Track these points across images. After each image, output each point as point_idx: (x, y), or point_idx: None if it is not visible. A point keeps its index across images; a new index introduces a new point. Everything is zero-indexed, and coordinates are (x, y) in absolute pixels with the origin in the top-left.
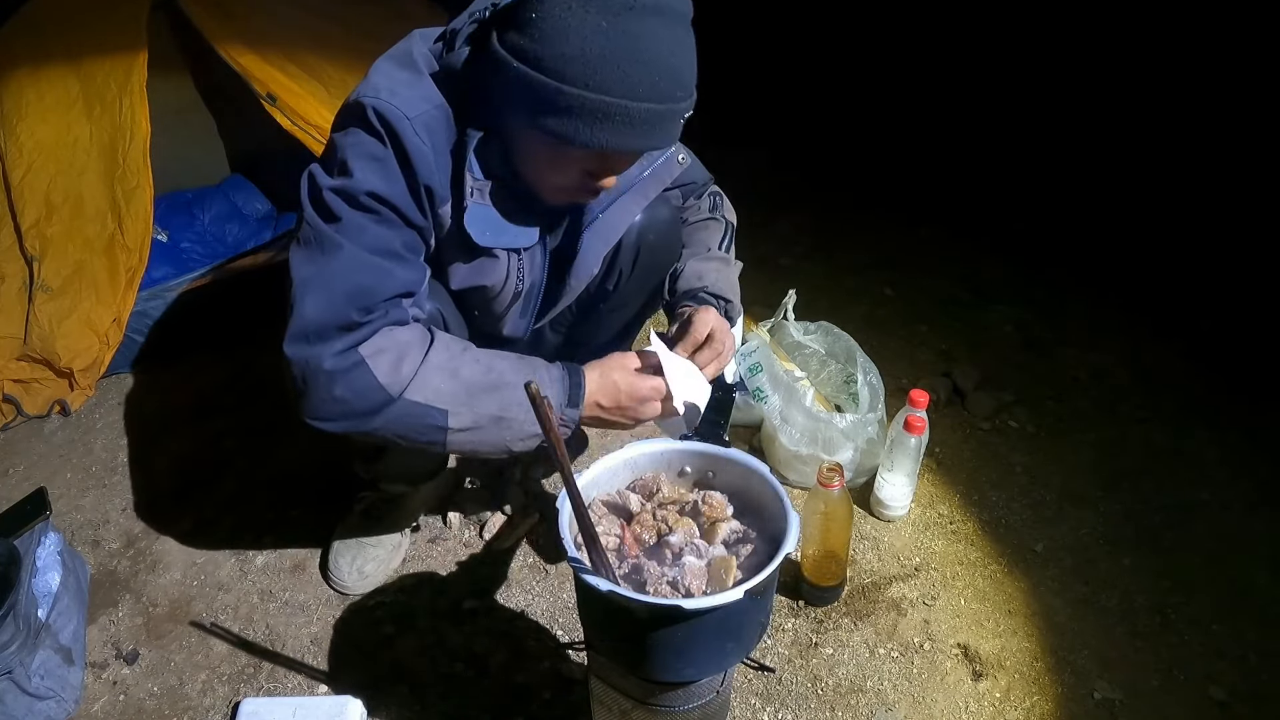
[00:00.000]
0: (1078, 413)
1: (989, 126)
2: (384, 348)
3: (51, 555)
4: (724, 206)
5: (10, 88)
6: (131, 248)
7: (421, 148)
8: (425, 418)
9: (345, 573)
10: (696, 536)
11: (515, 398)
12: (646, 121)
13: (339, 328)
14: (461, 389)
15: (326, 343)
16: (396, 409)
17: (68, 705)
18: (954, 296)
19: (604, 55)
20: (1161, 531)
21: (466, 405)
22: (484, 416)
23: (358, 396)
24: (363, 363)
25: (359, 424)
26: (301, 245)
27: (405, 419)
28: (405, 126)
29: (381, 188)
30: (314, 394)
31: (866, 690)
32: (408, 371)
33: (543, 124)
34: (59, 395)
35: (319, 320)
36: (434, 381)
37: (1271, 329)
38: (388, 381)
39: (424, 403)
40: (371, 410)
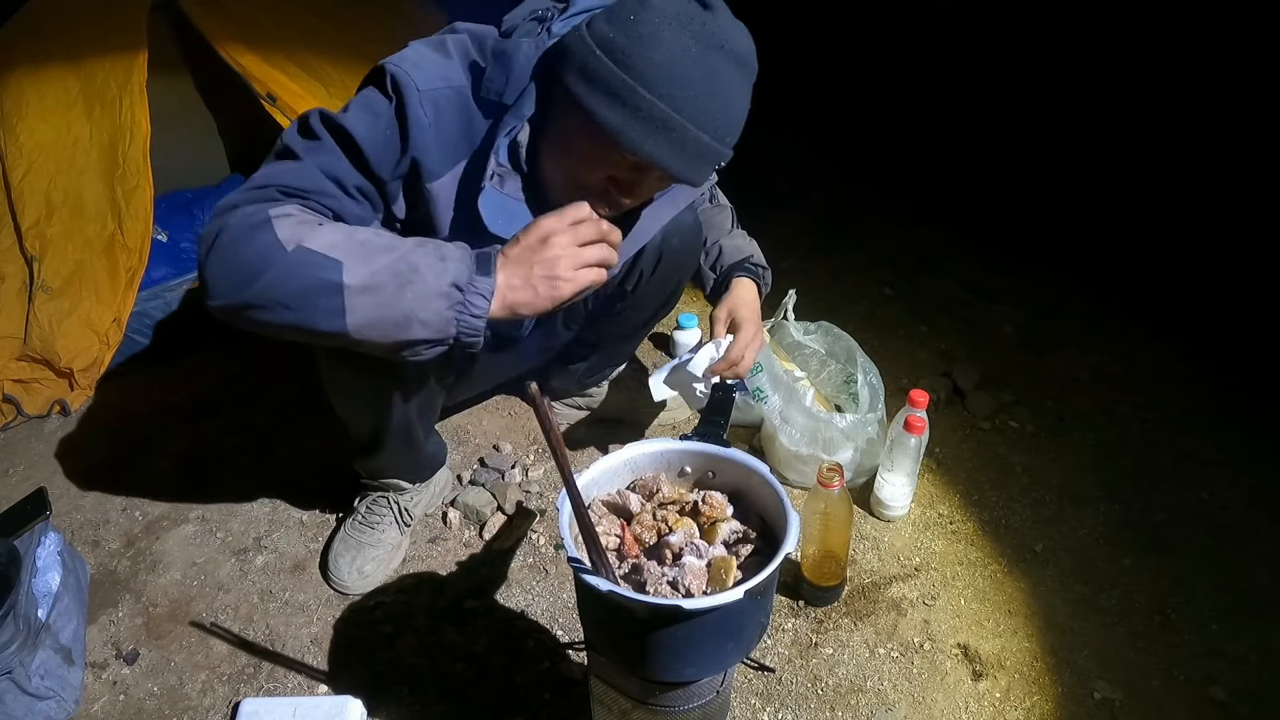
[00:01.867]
0: (1078, 413)
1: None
2: (292, 213)
3: (51, 555)
4: (720, 195)
5: (10, 88)
6: (131, 248)
7: (421, 119)
8: (319, 270)
9: (345, 573)
10: (696, 536)
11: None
12: (696, 150)
13: (255, 201)
14: (359, 244)
15: (240, 209)
16: (289, 260)
17: (68, 705)
18: (954, 296)
19: (685, 75)
20: (1161, 531)
21: (363, 260)
22: (383, 272)
23: (256, 254)
24: (267, 220)
25: (251, 288)
26: (270, 157)
27: (298, 273)
28: (413, 96)
29: (361, 132)
30: (213, 261)
31: (866, 690)
32: (306, 231)
33: (603, 116)
34: (59, 395)
35: (243, 197)
36: (330, 236)
37: (1271, 329)
38: (285, 237)
39: (319, 251)
40: (265, 269)
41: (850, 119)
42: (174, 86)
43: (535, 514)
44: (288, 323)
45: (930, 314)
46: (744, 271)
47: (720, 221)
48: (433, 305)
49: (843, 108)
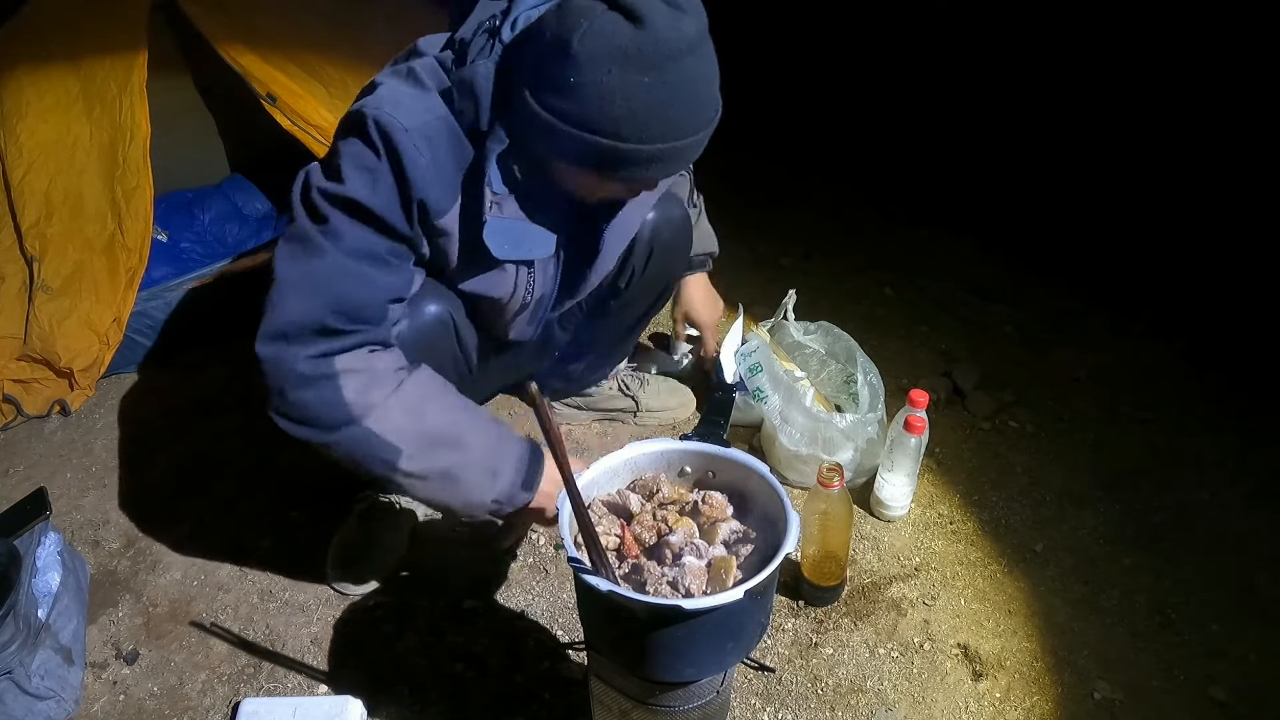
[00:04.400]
0: (1078, 413)
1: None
2: (358, 368)
3: (51, 555)
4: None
5: (10, 88)
6: (131, 248)
7: (418, 159)
8: (379, 450)
9: (345, 573)
10: (696, 536)
11: (471, 460)
12: (689, 150)
13: (316, 331)
14: (422, 434)
15: (303, 345)
16: (354, 432)
17: (68, 705)
18: (954, 296)
19: (651, 109)
20: (1161, 531)
21: (421, 452)
22: (435, 470)
23: (323, 408)
24: (335, 376)
25: (317, 435)
26: (286, 243)
27: (361, 445)
28: (403, 137)
29: (367, 197)
30: (282, 394)
31: (866, 690)
32: (376, 399)
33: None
34: (59, 395)
35: (298, 321)
36: (397, 418)
37: (1271, 329)
38: (353, 401)
39: (381, 435)
40: (332, 426)
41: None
42: (174, 86)
43: None
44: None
45: (930, 314)
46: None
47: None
48: (472, 510)
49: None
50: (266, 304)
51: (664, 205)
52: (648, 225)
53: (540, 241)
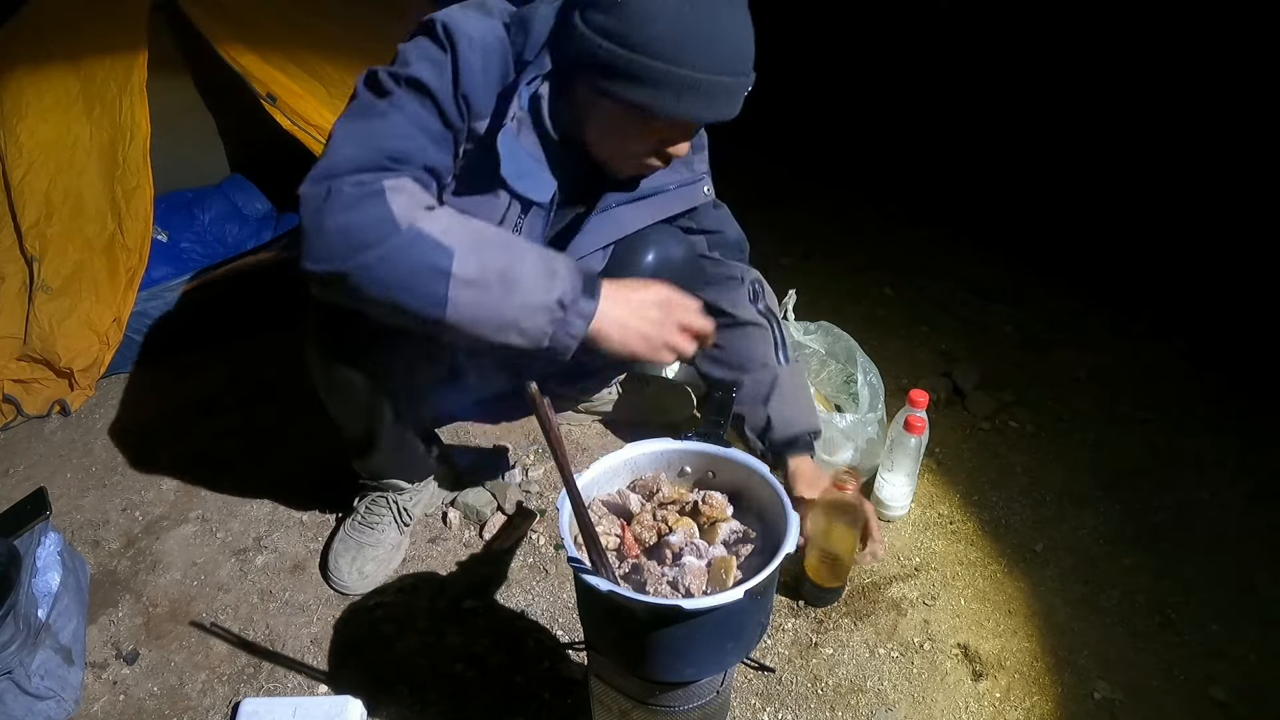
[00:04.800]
0: (1078, 413)
1: (989, 127)
2: (406, 188)
3: (51, 555)
4: (766, 295)
5: (10, 88)
6: (131, 248)
7: (473, 62)
8: (430, 254)
9: (345, 573)
10: (696, 536)
11: (526, 258)
12: (724, 92)
13: (364, 169)
14: (472, 235)
15: (350, 175)
16: (402, 239)
17: (68, 705)
18: (954, 296)
19: (690, 33)
20: (1161, 531)
21: (474, 252)
22: (491, 270)
23: (366, 225)
24: (381, 192)
25: (356, 259)
26: (346, 114)
27: (410, 252)
28: (465, 41)
29: (431, 80)
30: (321, 222)
31: (866, 690)
32: (422, 211)
33: (631, 96)
34: (59, 395)
35: (350, 161)
36: (445, 221)
37: (1271, 329)
38: (400, 214)
39: (431, 235)
40: (373, 242)
41: (851, 118)
42: (174, 86)
43: (535, 514)
44: (384, 299)
45: (930, 314)
46: (799, 450)
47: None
48: (534, 317)
49: (843, 107)
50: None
51: (662, 244)
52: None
53: (540, 183)
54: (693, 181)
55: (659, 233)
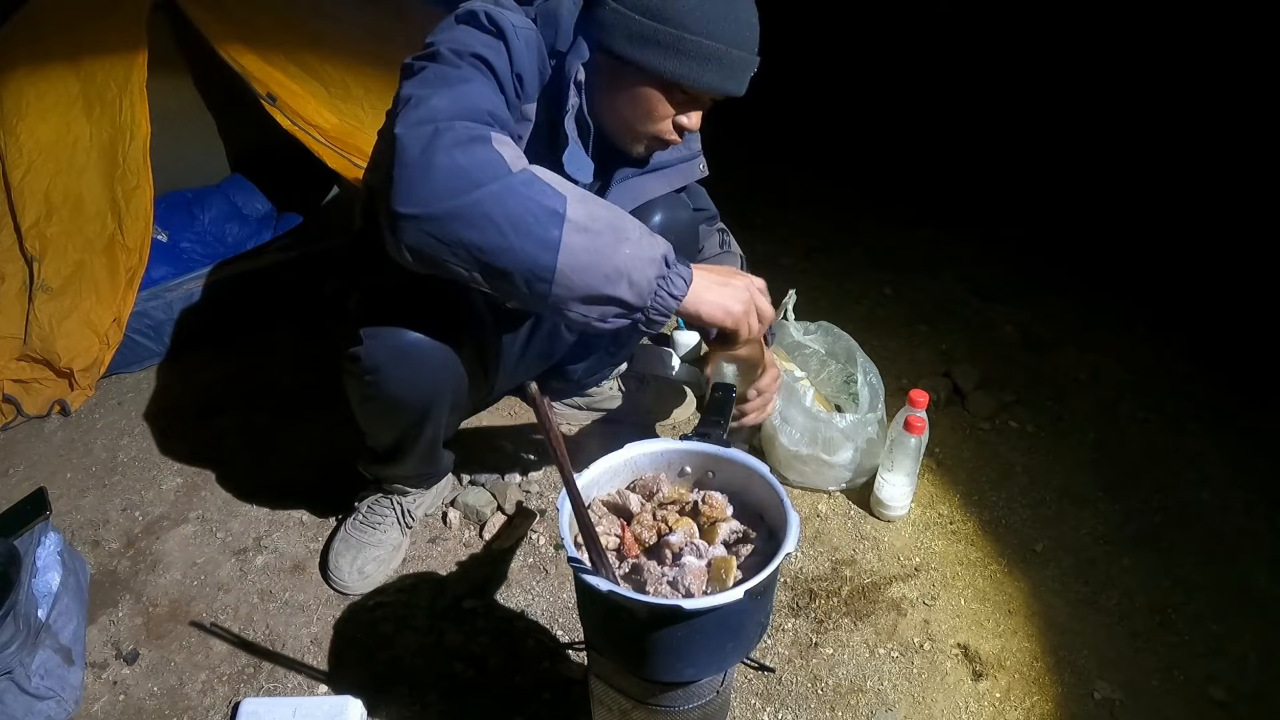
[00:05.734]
0: (1078, 413)
1: (990, 126)
2: (509, 143)
3: (51, 555)
4: (732, 242)
5: (10, 88)
6: (131, 248)
7: (520, 49)
8: (544, 197)
9: (345, 573)
10: (696, 536)
11: (629, 220)
12: (740, 67)
13: (468, 119)
14: (576, 190)
15: (455, 121)
16: (516, 180)
17: (68, 705)
18: (954, 296)
19: (715, 8)
20: (1161, 531)
21: (583, 202)
22: (601, 220)
23: (476, 165)
24: (489, 139)
25: (464, 197)
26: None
27: (522, 192)
28: (510, 29)
29: (493, 59)
30: (431, 160)
31: (866, 690)
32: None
33: (661, 66)
34: (59, 395)
35: (448, 110)
36: (550, 174)
37: (1271, 329)
38: (511, 159)
39: (542, 178)
40: (485, 180)
41: (851, 118)
42: (174, 86)
43: (535, 514)
44: (491, 242)
45: (930, 314)
46: None
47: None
48: (644, 269)
49: (843, 107)
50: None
51: (670, 207)
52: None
53: (584, 164)
54: (692, 158)
55: (664, 198)
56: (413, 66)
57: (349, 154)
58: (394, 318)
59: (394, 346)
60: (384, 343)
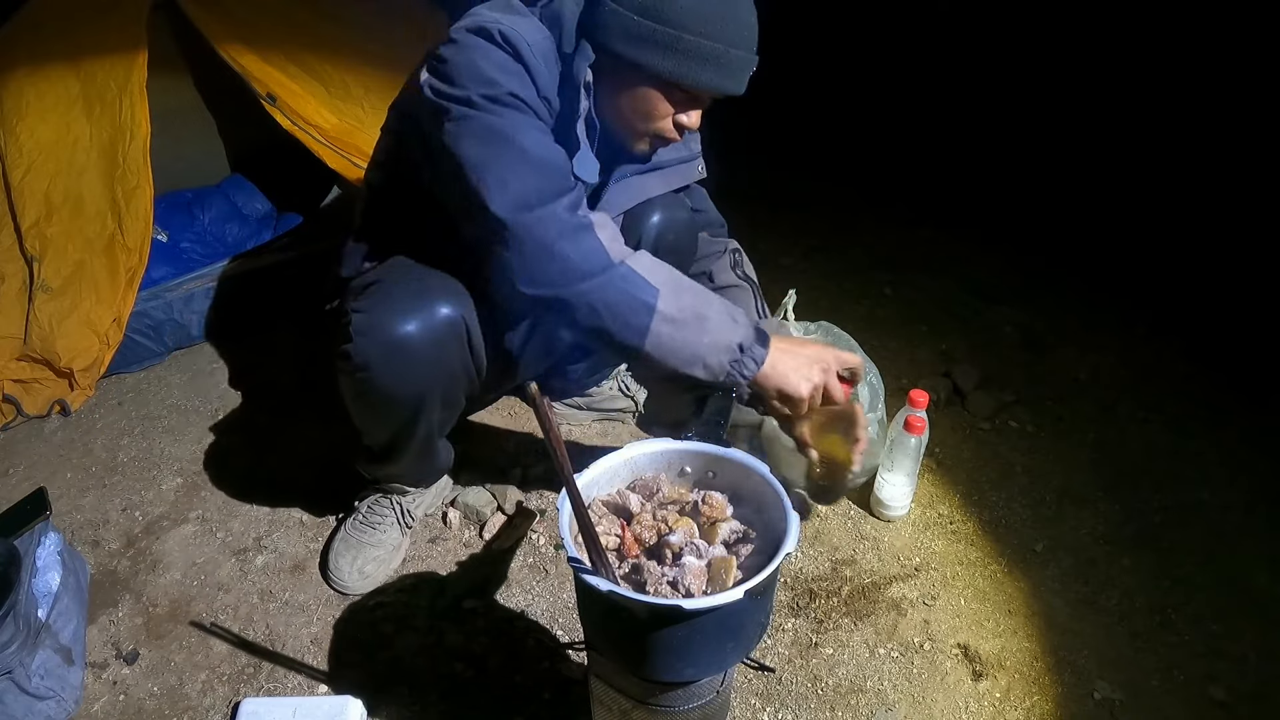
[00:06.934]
0: (1078, 413)
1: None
2: (605, 224)
3: (51, 555)
4: (744, 263)
5: (10, 88)
6: (131, 248)
7: (540, 68)
8: (639, 291)
9: (346, 573)
10: (696, 536)
11: (713, 303)
12: (738, 66)
13: (557, 192)
14: (670, 278)
15: (555, 203)
16: (615, 274)
17: (68, 705)
18: (954, 296)
19: (713, 9)
20: (1161, 531)
21: (674, 293)
22: (688, 310)
23: (582, 257)
24: (590, 226)
25: (574, 287)
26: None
27: (621, 287)
28: (526, 49)
29: (524, 92)
30: (537, 254)
31: (866, 690)
32: (624, 247)
33: (660, 66)
34: (59, 395)
35: (536, 186)
36: (647, 263)
37: (1271, 329)
38: (611, 248)
39: (641, 274)
40: (591, 273)
41: (851, 119)
42: (174, 86)
43: (535, 514)
44: (589, 325)
45: (930, 314)
46: None
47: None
48: (718, 356)
49: (843, 107)
50: (477, 186)
51: (668, 207)
52: (652, 229)
53: (591, 165)
54: (691, 159)
55: (662, 198)
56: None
57: (349, 154)
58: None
59: (383, 343)
60: (373, 340)
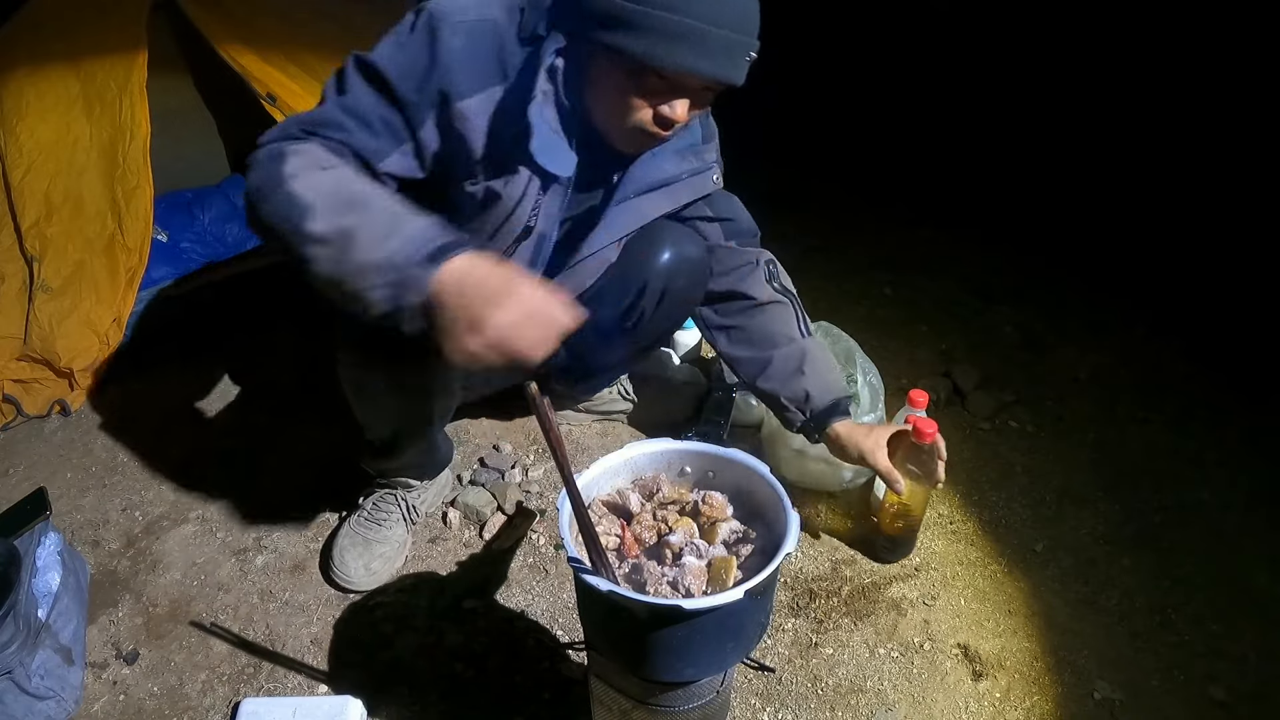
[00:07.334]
0: (1078, 413)
1: (990, 126)
2: (306, 150)
3: (51, 555)
4: (780, 274)
5: (10, 88)
6: (131, 248)
7: (453, 47)
8: (292, 212)
9: (353, 570)
10: (696, 536)
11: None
12: (723, 47)
13: (281, 139)
14: (337, 194)
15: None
16: (280, 193)
17: (68, 705)
18: (954, 296)
19: None
20: (1161, 531)
21: (331, 211)
22: (336, 230)
23: (265, 181)
24: (282, 154)
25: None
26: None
27: (280, 208)
28: (444, 25)
29: (384, 63)
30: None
31: (866, 690)
32: (307, 167)
33: (630, 47)
34: (59, 395)
35: (268, 137)
36: (317, 180)
37: (1271, 329)
38: (288, 171)
39: (298, 193)
40: (268, 194)
41: (850, 118)
42: (174, 86)
43: (535, 514)
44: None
45: (930, 314)
46: (839, 415)
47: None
48: (366, 283)
49: (843, 107)
50: None
51: (678, 243)
52: (662, 270)
53: (563, 157)
54: (704, 170)
55: (673, 231)
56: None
57: None
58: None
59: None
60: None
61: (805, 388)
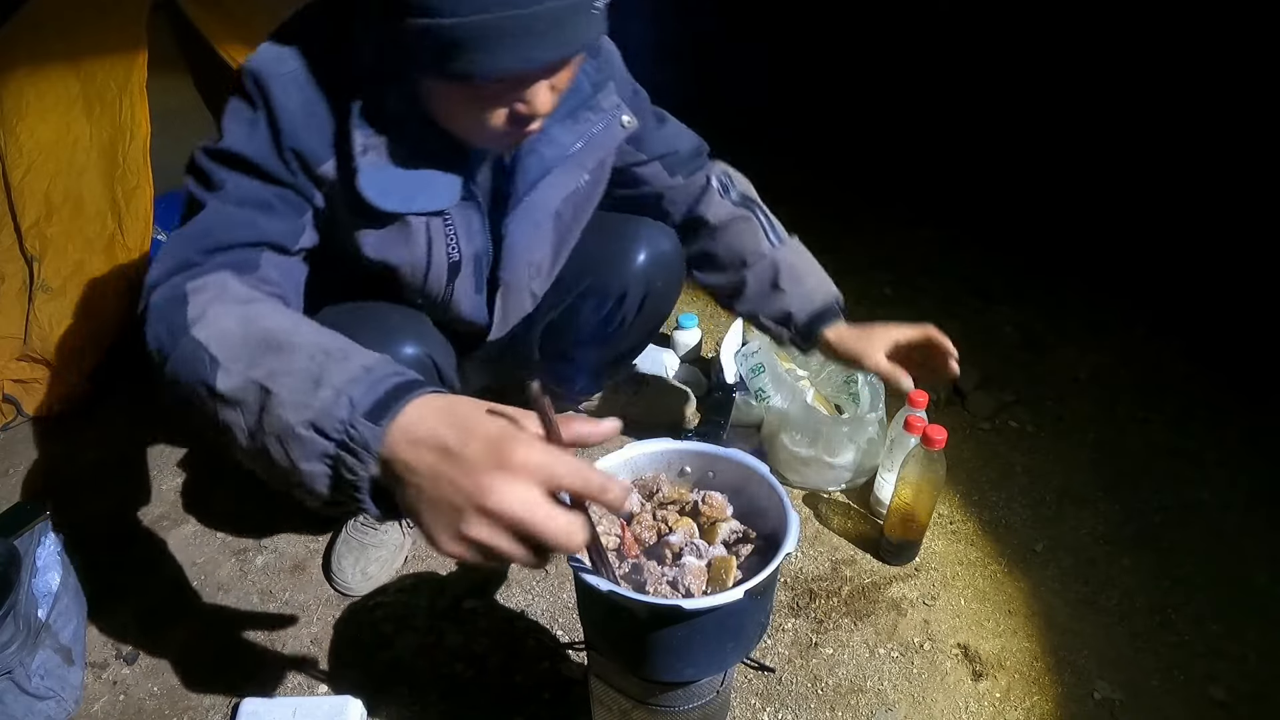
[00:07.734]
0: (1078, 413)
1: (990, 126)
2: (209, 286)
3: (51, 555)
4: (734, 183)
5: (10, 88)
6: (131, 248)
7: (288, 104)
8: (197, 365)
9: (349, 574)
10: (696, 536)
11: (293, 365)
12: (549, 23)
13: (176, 270)
14: (250, 340)
15: (161, 287)
16: (183, 347)
17: (68, 705)
18: (954, 296)
19: None
20: (1161, 531)
21: (243, 361)
22: (249, 384)
23: (165, 334)
24: (184, 297)
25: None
26: (178, 223)
27: (185, 361)
28: (273, 83)
29: (243, 145)
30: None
31: (866, 690)
32: (214, 309)
33: (441, 68)
34: (59, 395)
35: (160, 271)
36: (225, 322)
37: (1271, 329)
38: (192, 316)
39: (203, 342)
40: (169, 351)
41: (850, 118)
42: (174, 86)
43: None
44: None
45: (930, 314)
46: (830, 320)
47: (750, 242)
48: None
49: (843, 107)
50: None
51: (653, 239)
52: (639, 273)
53: (441, 189)
54: (606, 123)
55: (646, 227)
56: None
57: None
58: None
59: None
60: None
61: (784, 306)
